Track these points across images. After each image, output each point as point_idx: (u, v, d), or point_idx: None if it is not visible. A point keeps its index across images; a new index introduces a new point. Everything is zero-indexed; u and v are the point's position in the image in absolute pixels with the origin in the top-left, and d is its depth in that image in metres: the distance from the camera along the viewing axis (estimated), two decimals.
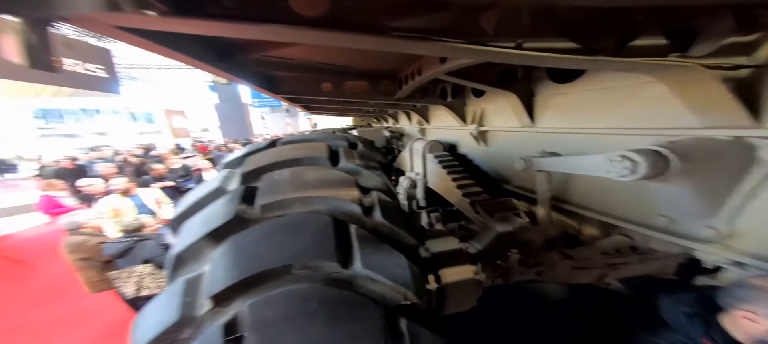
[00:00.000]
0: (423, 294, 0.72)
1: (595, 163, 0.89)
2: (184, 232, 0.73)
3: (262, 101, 21.39)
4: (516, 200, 1.60)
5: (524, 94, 1.46)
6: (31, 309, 3.78)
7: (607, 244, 1.34)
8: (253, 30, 0.54)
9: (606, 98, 1.10)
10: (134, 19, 0.43)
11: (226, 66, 1.24)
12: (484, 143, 2.12)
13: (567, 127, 1.32)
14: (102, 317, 3.41)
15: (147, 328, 0.57)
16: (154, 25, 0.49)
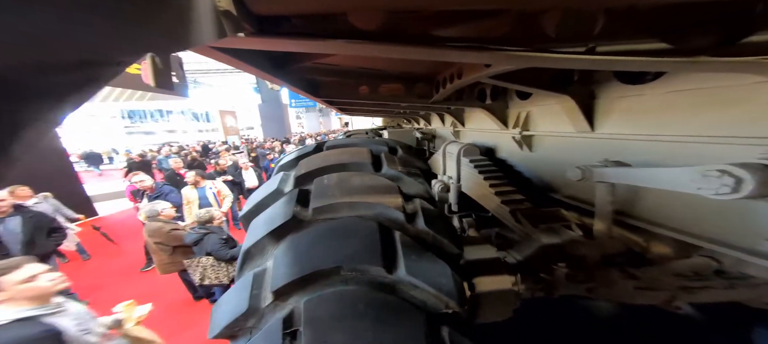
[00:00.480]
0: (465, 304, 0.71)
1: (680, 177, 0.77)
2: (251, 229, 0.82)
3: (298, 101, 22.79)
4: (565, 211, 1.47)
5: (582, 96, 1.32)
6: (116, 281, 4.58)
7: (684, 266, 1.16)
8: (316, 45, 0.59)
9: (693, 101, 0.93)
10: (229, 41, 0.51)
11: (281, 74, 1.35)
12: (528, 149, 1.98)
13: (637, 134, 1.16)
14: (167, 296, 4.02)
15: (223, 314, 0.66)
16: (241, 45, 0.57)
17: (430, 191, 1.00)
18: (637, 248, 1.22)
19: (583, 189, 1.49)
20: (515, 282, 1.34)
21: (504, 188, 1.84)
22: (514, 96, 2.05)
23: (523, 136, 1.93)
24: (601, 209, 1.17)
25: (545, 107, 1.72)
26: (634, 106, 1.16)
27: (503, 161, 2.38)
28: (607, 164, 1.11)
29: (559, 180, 1.72)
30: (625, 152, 1.21)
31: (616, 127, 1.25)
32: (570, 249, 1.27)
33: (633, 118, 1.17)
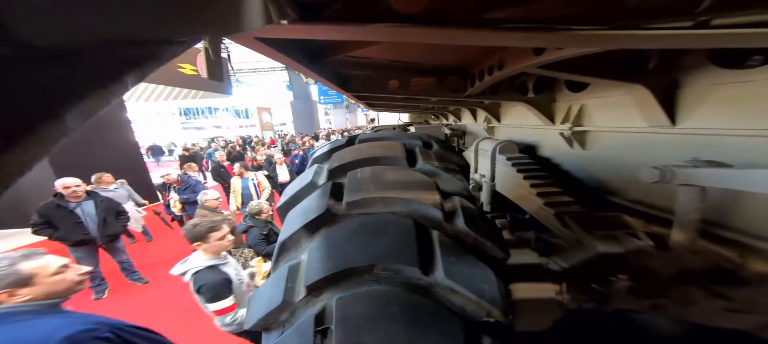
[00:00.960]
0: (509, 314, 0.64)
1: None
2: (287, 221, 0.83)
3: (327, 98, 23.52)
4: (628, 217, 1.28)
5: (661, 85, 1.11)
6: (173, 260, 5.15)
7: None
8: (358, 31, 0.56)
9: None
10: (273, 29, 0.49)
11: (314, 67, 1.36)
12: (580, 146, 1.76)
13: (737, 128, 0.94)
14: None
15: (260, 306, 0.67)
16: (283, 33, 0.56)
17: (469, 189, 0.92)
18: (728, 265, 1.01)
19: (656, 193, 1.28)
20: (559, 291, 1.23)
21: (548, 189, 1.67)
22: (563, 88, 1.83)
23: (573, 132, 1.72)
24: (684, 217, 0.98)
25: (606, 99, 1.50)
26: (736, 95, 0.94)
27: (547, 159, 2.17)
28: (698, 164, 0.92)
29: (620, 182, 1.50)
30: (719, 150, 1.00)
31: (708, 121, 1.03)
32: (635, 260, 1.10)
33: (733, 109, 0.95)
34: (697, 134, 1.07)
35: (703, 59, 1.00)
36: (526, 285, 1.23)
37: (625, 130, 1.38)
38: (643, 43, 0.50)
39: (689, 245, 1.00)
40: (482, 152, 2.75)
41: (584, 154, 1.75)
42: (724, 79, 0.96)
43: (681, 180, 0.91)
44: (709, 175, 0.87)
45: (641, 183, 1.25)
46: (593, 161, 1.68)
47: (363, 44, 1.19)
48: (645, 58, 1.13)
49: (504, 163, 2.25)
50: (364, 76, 2.25)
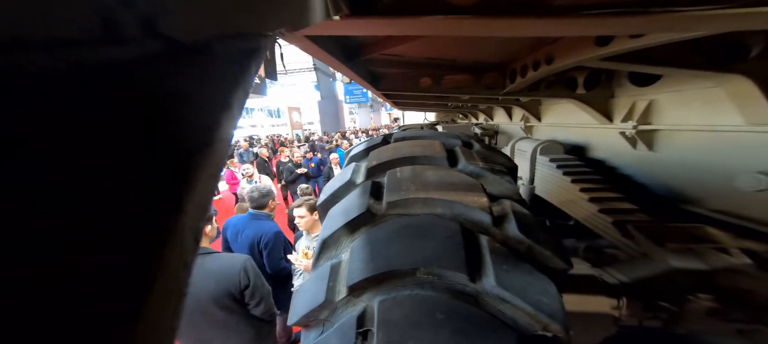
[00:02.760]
0: (570, 330, 0.58)
1: None
2: (328, 219, 0.84)
3: (352, 97, 23.97)
4: (713, 229, 1.09)
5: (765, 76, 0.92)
6: None
7: None
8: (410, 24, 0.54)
9: None
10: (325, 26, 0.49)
11: (350, 65, 1.37)
12: (646, 147, 1.54)
13: None
14: None
15: (303, 303, 0.67)
16: (334, 29, 0.56)
17: (519, 193, 0.85)
18: None
19: (752, 203, 1.07)
20: (617, 306, 1.12)
21: (605, 195, 1.50)
22: (624, 82, 1.63)
23: (638, 131, 1.52)
24: None
25: (685, 92, 1.28)
26: None
27: (601, 161, 1.96)
28: None
29: (700, 189, 1.29)
30: None
31: None
32: (725, 280, 0.94)
33: None
34: None
35: None
36: (577, 297, 1.13)
37: (713, 128, 1.17)
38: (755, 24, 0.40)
39: None
40: (520, 152, 2.58)
41: (651, 156, 1.53)
42: None
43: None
44: None
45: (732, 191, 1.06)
46: (664, 164, 1.46)
47: (401, 40, 1.17)
48: (744, 44, 0.94)
49: (547, 165, 2.08)
50: (396, 74, 2.23)
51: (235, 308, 1.68)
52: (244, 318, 1.73)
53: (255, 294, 1.71)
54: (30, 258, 0.12)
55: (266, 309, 1.79)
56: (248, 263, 1.73)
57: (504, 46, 1.57)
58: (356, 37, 1.34)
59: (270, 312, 1.85)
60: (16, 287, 0.12)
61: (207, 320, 1.65)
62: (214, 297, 1.59)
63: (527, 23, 0.52)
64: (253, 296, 1.70)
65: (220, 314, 1.63)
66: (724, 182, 1.16)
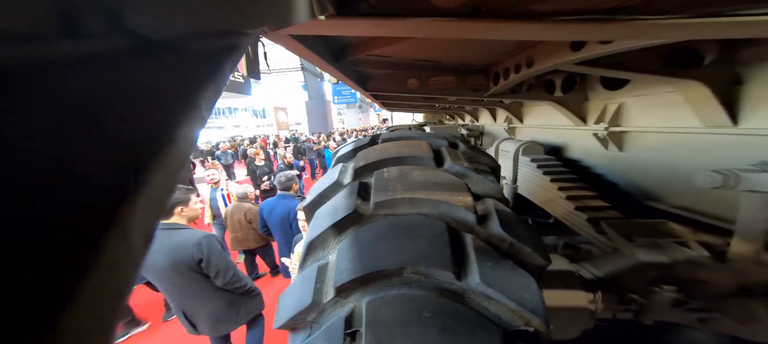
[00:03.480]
0: (550, 324, 0.60)
1: None
2: (315, 220, 0.82)
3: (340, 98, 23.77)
4: (675, 225, 1.18)
5: (720, 82, 1.01)
6: None
7: None
8: (395, 25, 0.54)
9: None
10: (311, 26, 0.49)
11: (337, 65, 1.36)
12: (617, 148, 1.65)
13: None
14: None
15: (289, 306, 0.66)
16: (320, 29, 0.55)
17: (502, 191, 0.88)
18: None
19: (708, 199, 1.17)
20: (593, 300, 1.17)
21: (580, 193, 1.58)
22: (597, 86, 1.73)
23: (609, 132, 1.61)
24: (748, 227, 0.88)
25: (650, 96, 1.39)
26: None
27: (576, 161, 2.06)
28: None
29: (664, 186, 1.39)
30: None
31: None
32: (685, 272, 1.01)
33: None
34: (763, 135, 0.95)
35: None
36: (556, 292, 1.18)
37: (673, 130, 1.27)
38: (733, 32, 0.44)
39: (753, 257, 0.90)
40: (503, 153, 2.66)
41: (621, 156, 1.63)
42: None
43: (746, 186, 0.82)
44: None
45: (690, 188, 1.15)
46: (632, 163, 1.57)
47: (388, 42, 1.18)
48: (699, 52, 1.03)
49: (528, 165, 2.16)
50: (384, 75, 2.24)
51: (200, 279, 1.97)
52: (212, 288, 2.02)
53: (210, 267, 1.94)
54: None
55: (226, 281, 2.01)
56: (205, 239, 1.94)
57: (487, 48, 1.62)
58: (343, 38, 1.33)
59: (233, 284, 2.06)
60: None
61: (178, 289, 1.96)
62: (174, 267, 1.88)
63: (509, 27, 0.54)
64: (209, 268, 1.94)
65: (188, 283, 1.94)
66: (684, 180, 1.26)
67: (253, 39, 0.29)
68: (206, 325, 2.09)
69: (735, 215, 0.92)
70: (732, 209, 0.93)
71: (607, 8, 0.46)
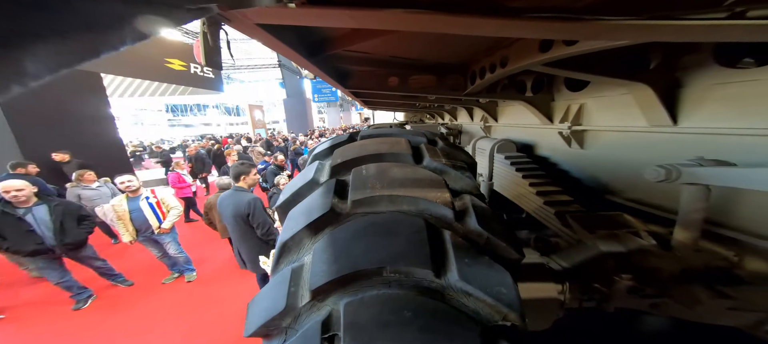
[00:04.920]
0: (525, 317, 0.62)
1: None
2: (288, 220, 0.78)
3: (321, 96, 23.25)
4: (628, 216, 1.29)
5: (663, 85, 1.12)
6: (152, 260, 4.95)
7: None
8: (370, 16, 0.52)
9: None
10: (279, 13, 0.45)
11: (314, 60, 1.31)
12: (579, 145, 1.77)
13: (742, 128, 0.95)
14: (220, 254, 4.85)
15: (260, 312, 0.62)
16: (289, 18, 0.51)
17: (479, 187, 0.90)
18: (725, 264, 1.03)
19: (655, 192, 1.29)
20: (562, 291, 1.23)
21: (548, 188, 1.67)
22: (562, 87, 1.84)
23: (572, 131, 1.73)
24: (687, 217, 0.98)
25: (606, 98, 1.51)
26: (737, 94, 0.95)
27: (545, 158, 2.18)
28: (704, 163, 0.92)
29: (620, 181, 1.51)
30: (720, 150, 1.01)
31: (710, 120, 1.03)
32: (638, 260, 1.10)
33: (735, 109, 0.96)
34: (698, 133, 1.08)
35: (707, 58, 1.01)
36: (528, 285, 1.23)
37: (625, 129, 1.39)
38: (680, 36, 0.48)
39: (692, 245, 1.00)
40: (480, 151, 2.75)
41: (583, 153, 1.76)
42: (727, 78, 0.97)
43: (686, 179, 0.91)
44: (714, 174, 0.87)
45: (641, 182, 1.26)
46: (592, 160, 1.69)
47: (366, 37, 1.15)
48: (646, 57, 1.14)
49: (502, 162, 2.25)
50: (364, 72, 2.21)
51: (248, 228, 2.91)
52: (255, 236, 2.94)
53: (254, 220, 2.87)
54: None
55: (263, 232, 2.91)
56: (253, 201, 2.90)
57: (465, 47, 1.66)
58: (320, 32, 1.28)
59: (267, 236, 2.94)
60: None
61: (236, 233, 3.00)
62: (235, 218, 2.88)
63: (484, 22, 0.54)
64: (253, 221, 2.87)
65: (241, 230, 2.93)
66: (635, 175, 1.38)
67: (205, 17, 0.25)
68: (249, 263, 3.08)
69: (677, 206, 1.02)
70: (675, 201, 1.03)
71: (572, 7, 0.48)
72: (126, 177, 3.70)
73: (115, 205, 3.66)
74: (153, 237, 3.94)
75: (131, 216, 3.70)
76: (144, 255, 4.46)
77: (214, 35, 0.41)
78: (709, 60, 1.00)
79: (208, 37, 0.40)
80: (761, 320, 1.07)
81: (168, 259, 4.22)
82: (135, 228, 3.74)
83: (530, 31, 0.56)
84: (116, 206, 3.65)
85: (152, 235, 3.90)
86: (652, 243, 1.10)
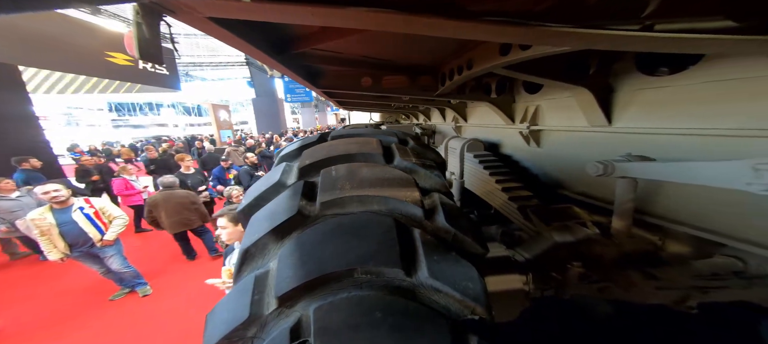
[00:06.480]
0: (492, 310, 0.65)
1: (725, 171, 0.70)
2: (251, 225, 0.73)
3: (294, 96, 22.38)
4: (577, 208, 1.42)
5: (600, 89, 1.26)
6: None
7: (707, 265, 1.13)
8: (331, 14, 0.50)
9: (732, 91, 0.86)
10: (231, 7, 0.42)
11: (281, 59, 1.26)
12: (536, 144, 1.92)
13: (660, 127, 1.10)
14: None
15: (220, 323, 0.57)
16: (244, 13, 0.48)
17: (447, 185, 0.92)
18: (651, 247, 1.18)
19: (597, 185, 1.44)
20: (526, 282, 1.30)
21: (511, 185, 1.78)
22: (521, 90, 1.98)
23: (530, 131, 1.87)
24: (621, 207, 1.11)
25: (556, 100, 1.66)
26: (658, 98, 1.11)
27: (508, 156, 2.33)
28: (631, 159, 1.05)
29: (570, 176, 1.67)
30: (646, 147, 1.16)
31: (637, 121, 1.19)
32: (585, 248, 1.22)
33: (657, 111, 1.11)
34: (627, 132, 1.23)
35: (632, 66, 1.16)
36: (496, 278, 1.28)
37: (572, 129, 1.55)
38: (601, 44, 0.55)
39: (626, 232, 1.14)
40: (451, 150, 2.85)
41: (539, 151, 1.91)
42: (647, 84, 1.13)
43: (619, 173, 1.04)
44: (638, 168, 1.00)
45: (585, 177, 1.40)
46: (547, 157, 1.85)
47: (337, 34, 1.13)
48: (587, 63, 1.28)
49: (471, 161, 2.35)
50: (335, 71, 2.17)
51: None
52: None
53: None
54: None
55: None
56: None
57: (434, 49, 1.71)
58: (286, 28, 1.23)
59: None
60: None
61: None
62: None
63: (444, 23, 0.56)
64: None
65: None
66: (581, 170, 1.53)
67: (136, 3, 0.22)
68: None
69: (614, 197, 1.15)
70: (613, 193, 1.17)
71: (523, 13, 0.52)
72: (50, 186, 3.17)
73: (35, 219, 3.09)
74: (92, 251, 3.46)
75: (61, 230, 3.17)
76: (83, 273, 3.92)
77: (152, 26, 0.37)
78: (633, 68, 1.15)
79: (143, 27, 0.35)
80: (683, 296, 1.25)
81: (113, 275, 3.75)
82: (67, 243, 3.25)
83: (488, 34, 0.59)
84: (37, 221, 3.08)
85: (92, 249, 3.43)
86: (596, 232, 1.23)
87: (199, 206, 4.43)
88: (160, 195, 4.16)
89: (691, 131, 0.98)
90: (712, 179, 0.73)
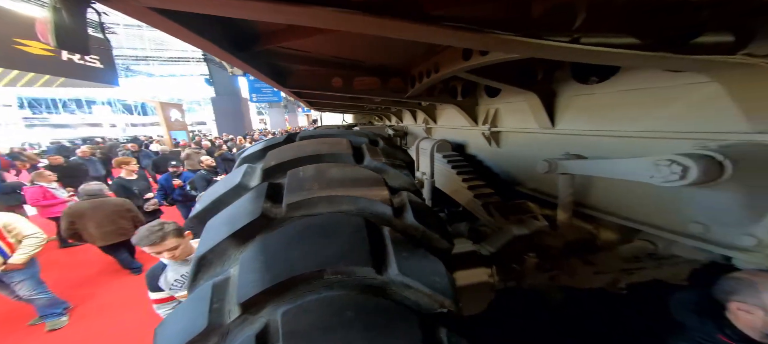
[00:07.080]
0: (459, 302, 0.68)
1: (634, 167, 0.85)
2: (207, 231, 0.67)
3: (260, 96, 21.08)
4: (530, 203, 1.57)
5: (545, 94, 1.43)
6: None
7: (629, 250, 1.32)
8: (296, 13, 0.49)
9: (640, 99, 1.05)
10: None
11: (243, 56, 1.18)
12: (496, 144, 2.08)
13: (591, 129, 1.28)
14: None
15: (173, 336, 0.52)
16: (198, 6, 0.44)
17: (415, 184, 0.95)
18: (588, 236, 1.35)
19: (545, 182, 1.61)
20: (491, 274, 1.37)
21: (475, 183, 1.90)
22: (483, 93, 2.13)
23: (491, 132, 2.02)
24: (563, 200, 1.26)
25: (512, 104, 1.82)
26: (588, 104, 1.28)
27: (473, 156, 2.48)
28: (569, 157, 1.20)
29: (524, 174, 1.83)
30: (582, 147, 1.33)
31: (573, 123, 1.36)
32: (538, 239, 1.35)
33: (588, 115, 1.29)
34: (566, 133, 1.40)
35: (568, 74, 1.33)
36: (465, 272, 1.33)
37: (524, 130, 1.71)
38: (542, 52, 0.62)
39: (568, 223, 1.29)
40: (422, 150, 2.94)
41: (499, 151, 2.07)
42: (579, 91, 1.31)
43: (560, 170, 1.18)
44: (574, 165, 1.15)
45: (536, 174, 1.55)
46: (505, 156, 2.01)
47: (304, 33, 1.10)
48: (535, 71, 1.43)
49: (440, 161, 2.46)
50: (305, 71, 2.11)
51: None
52: None
53: None
54: None
55: None
56: None
57: (403, 51, 1.75)
58: (249, 24, 1.17)
59: None
60: None
61: None
62: None
63: (406, 26, 0.58)
64: None
65: None
66: (532, 168, 1.70)
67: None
68: None
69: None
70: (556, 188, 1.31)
71: (480, 19, 0.56)
72: None
73: None
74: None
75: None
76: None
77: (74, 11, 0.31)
78: (569, 76, 1.32)
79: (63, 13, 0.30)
80: (615, 279, 1.44)
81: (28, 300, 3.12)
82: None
83: (448, 38, 0.63)
84: None
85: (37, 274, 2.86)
86: (545, 225, 1.36)
87: (136, 214, 3.91)
88: (87, 204, 3.63)
89: (612, 132, 1.16)
90: (625, 173, 0.87)
